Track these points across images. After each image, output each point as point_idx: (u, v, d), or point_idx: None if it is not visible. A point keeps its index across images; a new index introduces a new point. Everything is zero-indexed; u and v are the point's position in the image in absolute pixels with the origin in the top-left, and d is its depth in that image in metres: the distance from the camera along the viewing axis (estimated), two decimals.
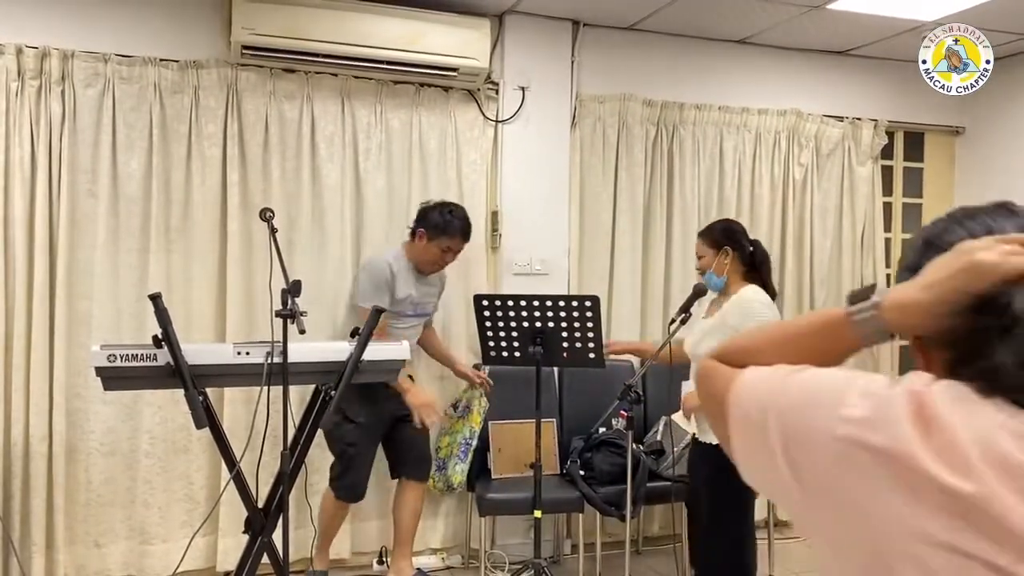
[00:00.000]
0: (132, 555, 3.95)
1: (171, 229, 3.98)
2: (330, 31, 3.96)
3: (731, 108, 4.87)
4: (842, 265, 5.11)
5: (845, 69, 5.15)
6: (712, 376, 1.00)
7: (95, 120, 3.86)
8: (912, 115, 5.26)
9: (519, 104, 4.46)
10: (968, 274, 0.82)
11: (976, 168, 5.37)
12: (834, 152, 5.09)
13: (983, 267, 0.81)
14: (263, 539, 3.07)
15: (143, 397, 3.92)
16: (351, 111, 4.23)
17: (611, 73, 4.67)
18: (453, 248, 3.83)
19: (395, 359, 3.23)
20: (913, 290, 0.86)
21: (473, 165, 4.43)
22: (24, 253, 3.74)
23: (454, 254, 3.86)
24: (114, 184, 3.90)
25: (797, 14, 4.43)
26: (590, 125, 4.64)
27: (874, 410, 0.77)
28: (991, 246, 0.82)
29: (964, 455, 0.72)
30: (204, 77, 3.99)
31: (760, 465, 0.89)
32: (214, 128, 4.02)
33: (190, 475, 4.02)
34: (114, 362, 2.80)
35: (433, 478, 4.13)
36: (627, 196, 4.69)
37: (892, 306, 0.88)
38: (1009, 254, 0.80)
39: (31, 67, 3.73)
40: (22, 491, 3.77)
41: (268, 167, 4.11)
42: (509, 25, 4.44)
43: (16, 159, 3.73)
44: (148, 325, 3.42)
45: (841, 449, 0.78)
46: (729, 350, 1.03)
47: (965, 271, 0.82)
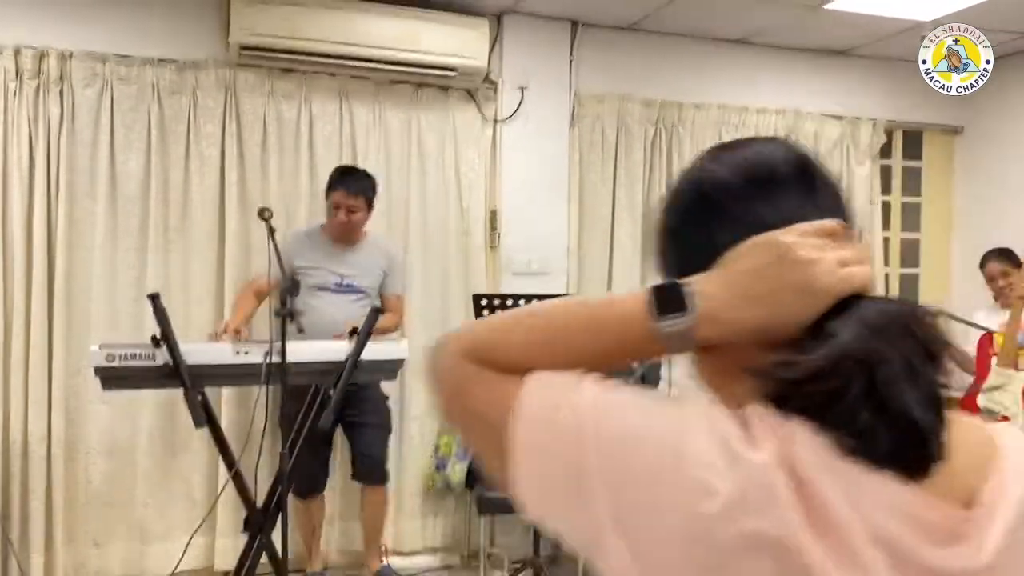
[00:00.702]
0: (131, 555, 3.95)
1: (169, 229, 3.98)
2: (328, 31, 3.96)
3: (730, 107, 4.87)
4: None
5: (843, 68, 5.15)
6: (469, 384, 0.77)
7: (93, 120, 3.86)
8: (911, 114, 5.26)
9: (518, 104, 4.46)
10: (803, 294, 0.69)
11: (975, 167, 5.37)
12: (833, 151, 5.09)
13: (821, 288, 0.69)
14: (262, 539, 3.07)
15: (142, 397, 3.92)
16: (349, 111, 4.23)
17: (610, 73, 4.67)
18: (341, 203, 3.66)
19: (394, 358, 3.23)
20: (733, 302, 0.71)
21: (472, 165, 4.43)
22: (23, 253, 3.75)
23: (346, 211, 3.67)
24: (112, 184, 3.90)
25: (795, 14, 4.43)
26: (589, 125, 4.64)
27: (744, 484, 0.63)
28: (822, 255, 0.70)
29: (850, 543, 0.62)
30: (202, 77, 3.99)
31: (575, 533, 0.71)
32: (212, 128, 4.02)
33: (189, 475, 4.02)
34: (113, 362, 2.81)
35: (432, 477, 4.12)
36: (626, 195, 4.69)
37: (708, 319, 0.71)
38: (840, 265, 0.70)
39: (29, 67, 3.73)
40: (21, 491, 3.77)
41: (266, 167, 4.11)
42: (508, 25, 4.44)
43: (14, 159, 3.73)
44: (147, 325, 3.41)
45: (704, 532, 0.63)
46: (480, 343, 0.78)
47: (800, 291, 0.69)
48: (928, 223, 5.45)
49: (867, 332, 0.67)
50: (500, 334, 0.78)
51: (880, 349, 0.67)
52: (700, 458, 0.64)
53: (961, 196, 5.45)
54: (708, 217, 0.78)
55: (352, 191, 3.68)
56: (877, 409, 0.65)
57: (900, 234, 5.41)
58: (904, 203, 5.43)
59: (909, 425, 0.66)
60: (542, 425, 0.71)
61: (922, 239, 5.45)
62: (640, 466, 0.66)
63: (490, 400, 0.75)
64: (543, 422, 0.71)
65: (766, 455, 0.64)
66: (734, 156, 0.80)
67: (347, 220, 3.69)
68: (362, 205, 3.71)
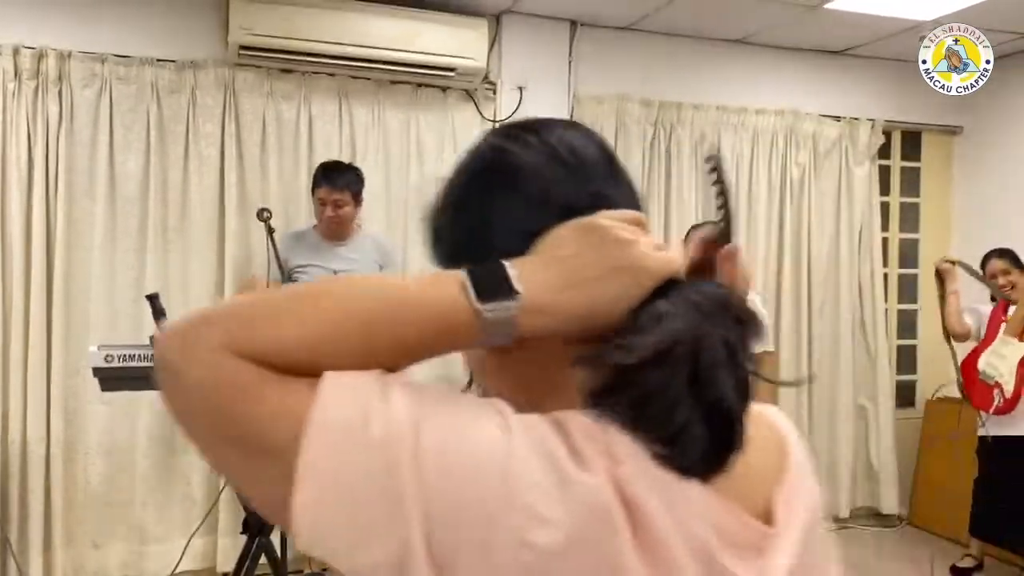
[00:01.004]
0: (130, 555, 3.94)
1: (169, 229, 3.98)
2: (327, 31, 3.95)
3: (728, 108, 4.87)
4: (839, 265, 5.11)
5: (842, 69, 5.15)
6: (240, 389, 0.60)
7: (92, 120, 3.85)
8: (909, 115, 5.26)
9: (517, 104, 4.46)
10: (629, 275, 0.66)
11: (974, 168, 5.37)
12: (831, 152, 5.09)
13: (645, 268, 0.66)
14: (261, 539, 3.07)
15: (141, 397, 3.90)
16: (348, 111, 4.23)
17: (608, 73, 4.67)
18: (326, 199, 3.66)
19: None
20: (558, 287, 0.65)
21: None
22: (21, 254, 3.74)
23: (332, 206, 3.66)
24: (111, 184, 3.90)
25: (794, 14, 4.43)
26: (588, 125, 4.62)
27: (580, 513, 0.58)
28: (636, 236, 0.68)
29: (675, 561, 0.60)
30: (201, 77, 3.99)
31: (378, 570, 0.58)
32: (211, 128, 4.01)
33: (188, 475, 4.01)
34: (111, 362, 2.80)
35: None
36: None
37: (533, 306, 0.64)
38: (656, 249, 0.68)
39: (28, 67, 3.73)
40: (20, 492, 3.76)
41: (266, 167, 4.10)
42: (506, 25, 4.44)
43: (13, 159, 3.73)
44: (146, 325, 3.42)
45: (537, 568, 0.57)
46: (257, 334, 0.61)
47: (625, 272, 0.66)
48: (927, 223, 5.45)
49: (697, 314, 0.65)
50: (278, 322, 0.61)
51: (709, 332, 0.64)
52: (530, 481, 0.58)
53: (960, 196, 5.46)
54: (514, 199, 0.71)
55: (337, 186, 3.68)
56: (696, 399, 0.62)
57: (899, 235, 5.41)
58: (903, 203, 5.43)
59: (723, 413, 0.64)
60: (347, 443, 0.58)
61: (921, 239, 5.45)
62: (466, 497, 0.57)
63: (274, 411, 0.59)
64: (348, 440, 0.58)
65: (598, 477, 0.59)
66: (540, 138, 0.75)
67: (335, 215, 3.68)
68: (348, 199, 3.70)
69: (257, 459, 0.60)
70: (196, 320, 0.63)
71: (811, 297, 5.03)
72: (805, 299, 5.02)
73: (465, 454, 0.58)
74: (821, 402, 5.04)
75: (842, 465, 5.05)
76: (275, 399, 0.59)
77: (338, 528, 0.58)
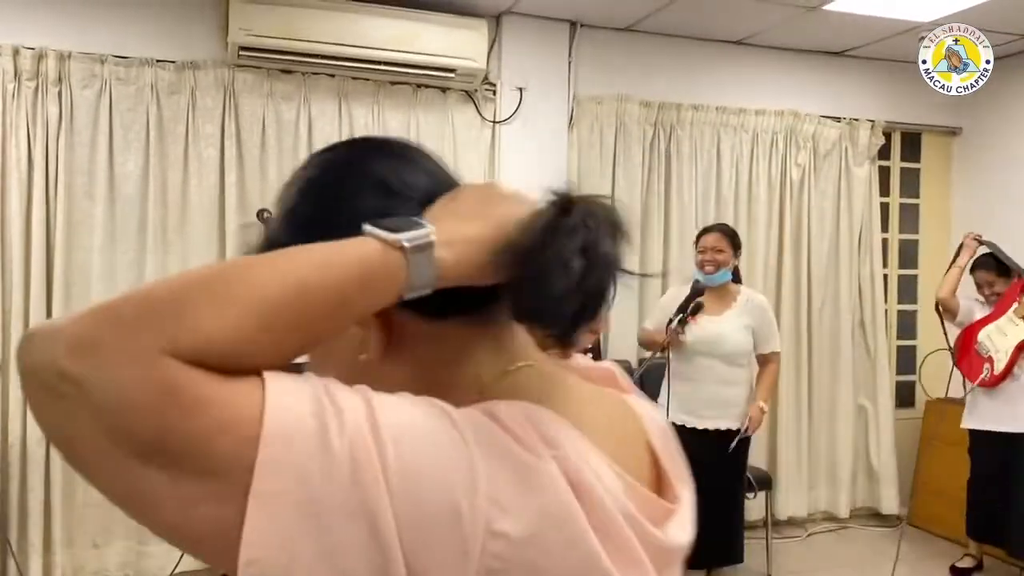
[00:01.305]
0: (130, 555, 3.94)
1: (168, 230, 3.98)
2: (327, 32, 3.96)
3: (728, 109, 4.87)
4: (839, 266, 5.11)
5: (842, 70, 5.15)
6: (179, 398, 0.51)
7: (92, 121, 3.86)
8: (909, 116, 5.26)
9: (516, 105, 4.46)
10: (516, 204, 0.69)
11: (973, 168, 5.37)
12: (831, 153, 5.09)
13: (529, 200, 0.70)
14: None
15: None
16: (348, 112, 4.23)
17: (608, 74, 4.67)
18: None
19: None
20: (461, 219, 0.65)
21: (470, 166, 4.43)
22: (21, 254, 3.74)
23: None
24: (111, 185, 3.90)
25: (794, 15, 4.43)
26: (588, 126, 4.64)
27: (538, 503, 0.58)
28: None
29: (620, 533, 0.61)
30: (201, 78, 3.99)
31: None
32: (211, 129, 4.02)
33: None
34: None
35: None
36: (624, 197, 4.68)
37: (445, 241, 0.62)
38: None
39: (28, 68, 3.73)
40: (19, 492, 3.76)
41: (265, 168, 4.10)
42: (506, 26, 4.44)
43: (13, 160, 3.73)
44: None
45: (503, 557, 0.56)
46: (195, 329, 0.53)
47: (512, 201, 0.69)
48: (926, 224, 5.45)
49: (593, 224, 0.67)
50: (213, 308, 0.53)
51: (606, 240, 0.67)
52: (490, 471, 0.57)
53: (959, 197, 5.46)
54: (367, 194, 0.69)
55: None
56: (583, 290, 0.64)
57: (899, 235, 5.41)
58: (902, 204, 5.43)
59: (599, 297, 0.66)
60: (304, 455, 0.52)
61: (920, 240, 5.45)
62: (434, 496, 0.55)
63: (218, 424, 0.52)
64: (306, 451, 0.52)
65: (549, 463, 0.59)
66: (364, 142, 0.77)
67: None
68: None
69: (193, 481, 0.52)
70: (99, 319, 0.54)
71: (811, 297, 5.03)
72: (805, 299, 5.02)
73: (427, 453, 0.56)
74: (821, 402, 5.05)
75: (842, 465, 5.05)
76: (215, 409, 0.52)
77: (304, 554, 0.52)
